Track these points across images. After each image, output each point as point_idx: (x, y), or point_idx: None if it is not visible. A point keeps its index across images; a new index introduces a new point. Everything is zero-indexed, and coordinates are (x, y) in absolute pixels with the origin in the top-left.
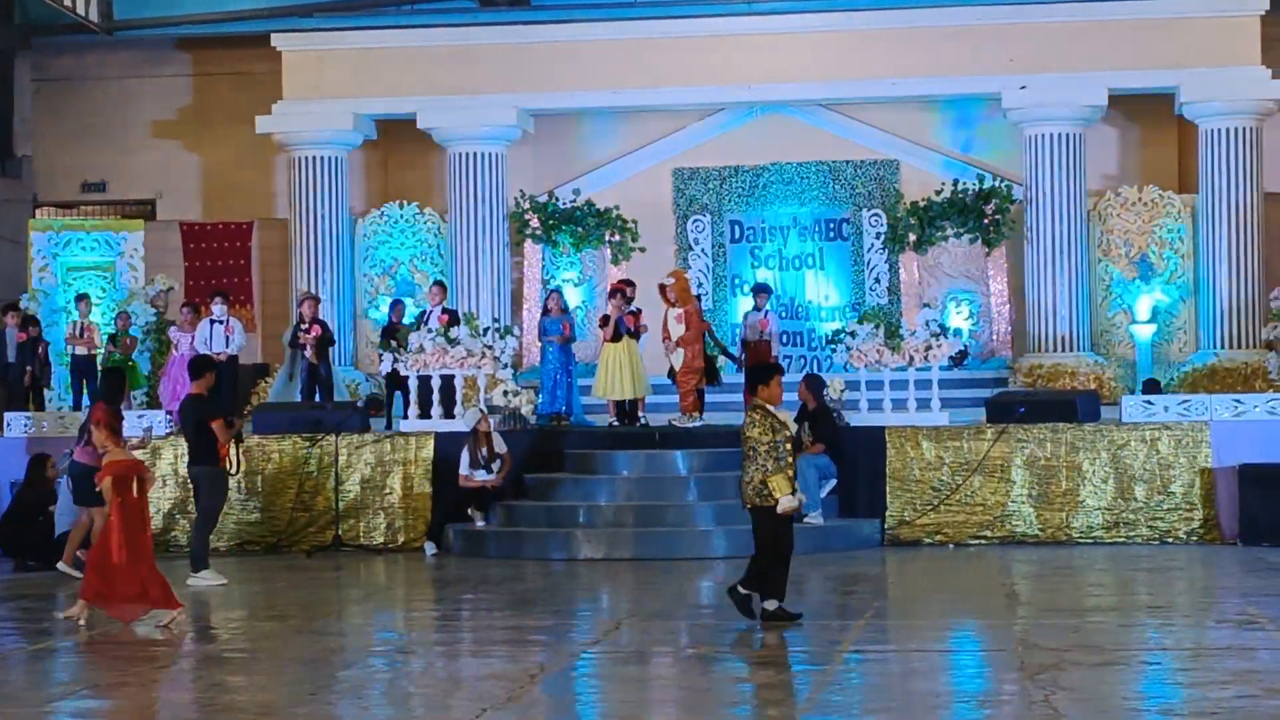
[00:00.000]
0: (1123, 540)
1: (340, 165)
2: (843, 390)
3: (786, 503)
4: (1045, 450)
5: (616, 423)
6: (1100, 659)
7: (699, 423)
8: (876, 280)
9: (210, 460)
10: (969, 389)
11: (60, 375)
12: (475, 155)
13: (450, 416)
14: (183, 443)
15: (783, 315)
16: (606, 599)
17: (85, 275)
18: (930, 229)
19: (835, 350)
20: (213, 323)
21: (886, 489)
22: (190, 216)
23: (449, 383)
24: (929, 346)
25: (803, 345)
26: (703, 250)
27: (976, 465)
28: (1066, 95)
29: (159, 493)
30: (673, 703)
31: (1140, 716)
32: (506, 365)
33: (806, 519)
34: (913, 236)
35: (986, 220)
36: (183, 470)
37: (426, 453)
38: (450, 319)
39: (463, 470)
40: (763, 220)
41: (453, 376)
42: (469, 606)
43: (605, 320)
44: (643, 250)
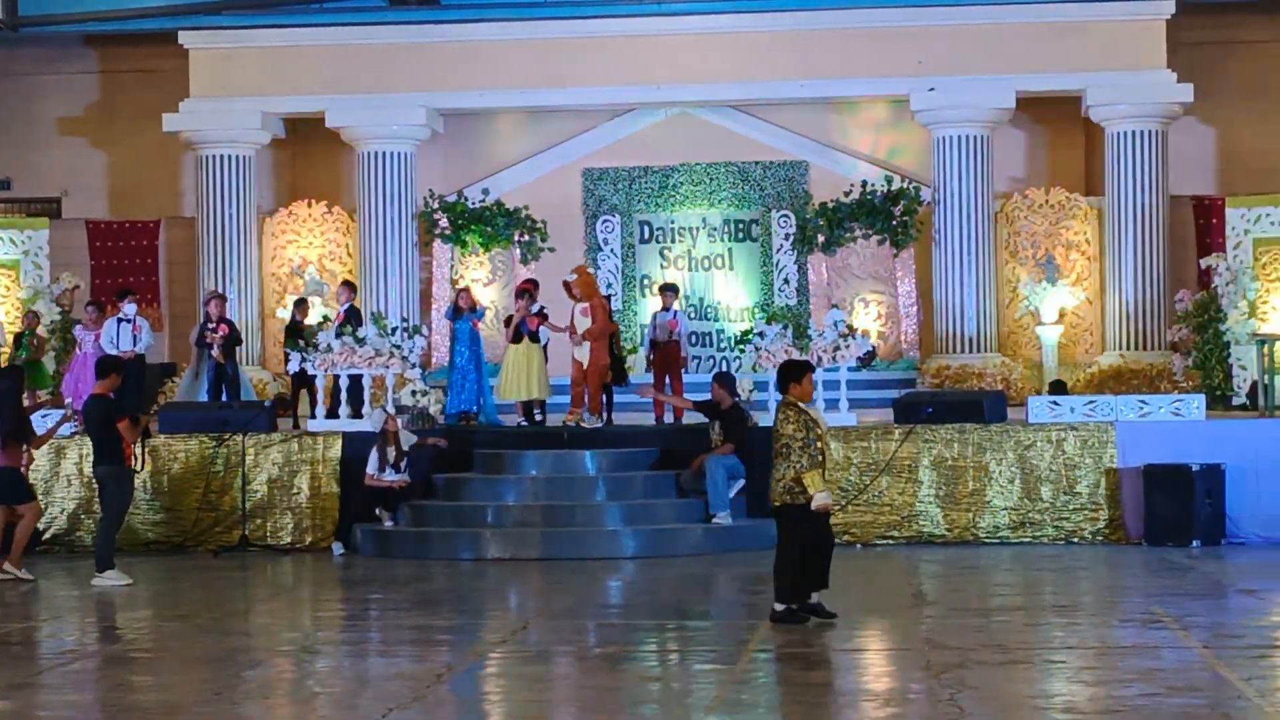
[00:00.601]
0: (1029, 540)
1: (248, 164)
2: (751, 391)
3: (821, 499)
4: (952, 451)
5: (525, 423)
6: (1006, 658)
7: (601, 423)
8: (785, 281)
9: (116, 460)
10: (877, 389)
11: None
12: (384, 154)
13: (358, 416)
14: (88, 442)
15: (691, 316)
16: (514, 599)
17: None
18: (839, 230)
19: (744, 351)
20: (120, 321)
21: None
22: (96, 215)
23: (357, 382)
24: (837, 347)
25: (711, 346)
26: (612, 250)
27: (884, 466)
28: (974, 97)
29: (64, 492)
30: (579, 702)
31: (1044, 715)
32: (415, 365)
33: (715, 519)
34: (821, 238)
35: (895, 222)
36: (88, 470)
37: (334, 452)
38: (348, 318)
39: (370, 470)
40: (672, 221)
41: (361, 376)
42: (376, 606)
43: (509, 321)
44: (552, 250)
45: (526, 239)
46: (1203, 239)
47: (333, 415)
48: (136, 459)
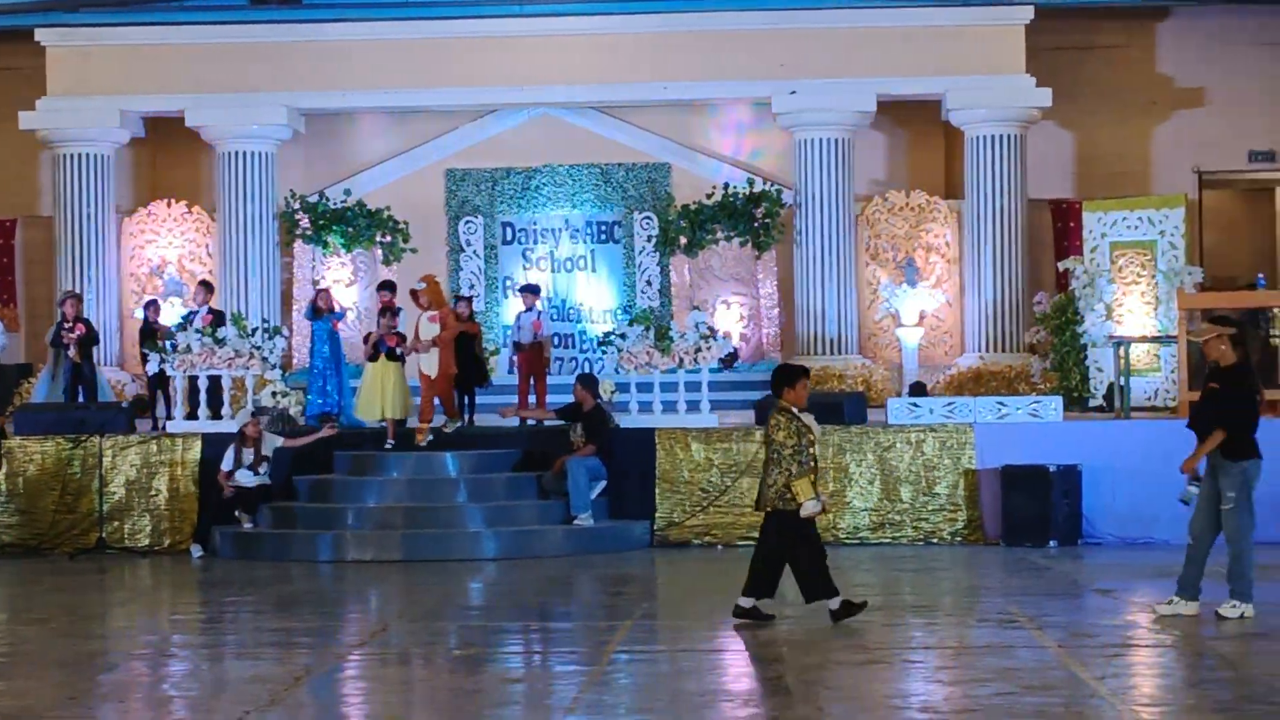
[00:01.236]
0: (889, 541)
1: (106, 163)
2: (613, 392)
3: (811, 507)
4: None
5: (393, 443)
6: (865, 658)
7: (458, 425)
8: (648, 283)
9: None
10: (738, 391)
11: None
12: (245, 154)
13: (218, 417)
14: None
15: (554, 317)
16: (375, 600)
17: None
18: (701, 232)
19: (606, 352)
20: None
21: (656, 490)
22: None
23: (216, 383)
24: (699, 349)
25: (574, 347)
26: (474, 251)
27: (745, 467)
28: (835, 101)
29: None
30: (439, 704)
31: (902, 714)
32: (275, 366)
33: (576, 520)
34: (683, 239)
35: (756, 224)
36: None
37: (193, 454)
38: (215, 319)
39: (224, 467)
40: (534, 222)
41: (220, 377)
42: (234, 608)
43: (367, 338)
44: (414, 251)
45: (389, 240)
46: (1060, 242)
47: (192, 417)
48: None
